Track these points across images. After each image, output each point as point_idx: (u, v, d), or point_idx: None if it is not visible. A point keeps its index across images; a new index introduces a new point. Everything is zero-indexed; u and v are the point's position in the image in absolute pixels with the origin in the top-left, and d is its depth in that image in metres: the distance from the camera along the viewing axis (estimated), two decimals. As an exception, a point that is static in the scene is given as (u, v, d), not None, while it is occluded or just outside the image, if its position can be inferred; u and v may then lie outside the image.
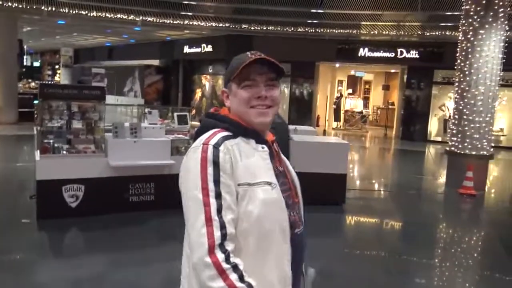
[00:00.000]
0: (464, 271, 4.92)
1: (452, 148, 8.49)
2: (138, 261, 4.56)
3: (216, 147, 1.35)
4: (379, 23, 13.69)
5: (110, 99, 22.02)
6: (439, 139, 16.05)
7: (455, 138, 8.43)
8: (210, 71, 19.27)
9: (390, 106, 19.33)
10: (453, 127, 8.55)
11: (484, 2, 7.96)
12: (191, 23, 14.31)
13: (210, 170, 1.32)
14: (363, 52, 16.57)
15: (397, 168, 12.05)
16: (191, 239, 1.31)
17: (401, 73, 17.34)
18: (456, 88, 8.51)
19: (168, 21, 14.17)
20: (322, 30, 15.10)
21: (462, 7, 8.41)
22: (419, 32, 14.44)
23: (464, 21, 8.33)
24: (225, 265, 1.25)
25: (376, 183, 9.54)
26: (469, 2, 8.18)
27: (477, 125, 8.16)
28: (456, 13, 9.21)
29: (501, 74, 8.26)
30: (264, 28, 14.83)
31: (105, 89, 5.96)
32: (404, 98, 16.91)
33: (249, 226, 1.33)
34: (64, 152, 5.59)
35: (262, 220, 1.33)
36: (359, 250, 5.33)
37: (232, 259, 1.27)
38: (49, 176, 5.37)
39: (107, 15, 13.69)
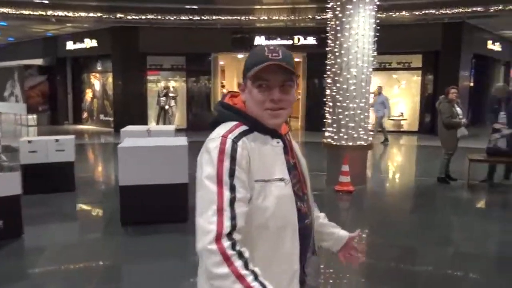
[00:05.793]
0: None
1: (329, 140, 7.56)
2: None
3: (235, 141, 1.34)
4: (265, 7, 12.66)
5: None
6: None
7: (330, 129, 7.50)
8: (99, 68, 17.38)
9: (296, 96, 18.64)
10: (328, 116, 7.62)
11: (348, -28, 7.06)
12: (55, 13, 12.44)
13: (226, 163, 1.31)
14: (260, 40, 15.54)
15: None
16: (199, 226, 1.29)
17: (302, 61, 16.56)
18: (328, 72, 7.58)
19: (28, 12, 12.21)
20: (210, 17, 13.84)
21: (330, -19, 7.47)
22: (310, 16, 13.62)
23: (331, -4, 7.40)
24: (230, 252, 1.23)
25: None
26: (335, -27, 7.26)
27: (352, 112, 7.26)
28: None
29: (375, 54, 7.43)
30: (144, 17, 13.29)
31: None
32: (304, 87, 16.14)
33: (264, 221, 1.35)
34: None
35: (276, 216, 1.36)
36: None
37: (238, 247, 1.25)
38: None
39: None
